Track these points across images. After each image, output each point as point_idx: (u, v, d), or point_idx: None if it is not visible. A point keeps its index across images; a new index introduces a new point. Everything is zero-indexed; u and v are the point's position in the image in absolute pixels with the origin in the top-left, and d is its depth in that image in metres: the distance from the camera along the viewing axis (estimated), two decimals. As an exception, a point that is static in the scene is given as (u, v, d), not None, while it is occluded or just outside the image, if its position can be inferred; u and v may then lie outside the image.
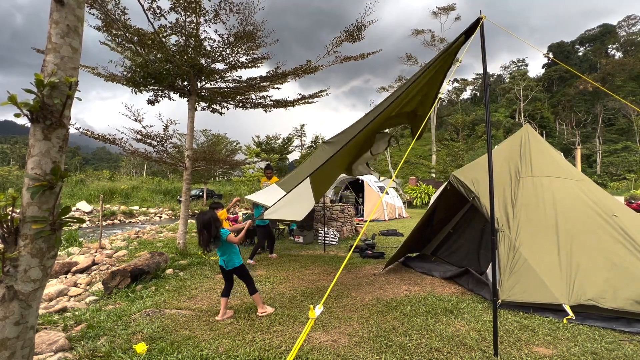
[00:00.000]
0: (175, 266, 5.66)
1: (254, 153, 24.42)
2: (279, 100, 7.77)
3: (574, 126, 52.61)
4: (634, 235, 3.77)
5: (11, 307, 1.30)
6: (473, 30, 3.04)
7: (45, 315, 3.59)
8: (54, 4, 1.37)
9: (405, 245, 5.70)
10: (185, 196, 6.74)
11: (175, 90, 6.83)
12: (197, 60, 6.25)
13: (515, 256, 3.90)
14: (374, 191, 14.24)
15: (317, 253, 7.28)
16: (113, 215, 17.81)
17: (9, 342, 1.29)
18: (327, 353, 2.74)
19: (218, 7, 5.95)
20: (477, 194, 4.52)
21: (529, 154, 4.75)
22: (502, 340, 2.97)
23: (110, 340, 2.91)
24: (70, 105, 1.43)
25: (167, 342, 2.89)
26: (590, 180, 4.73)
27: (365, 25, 6.48)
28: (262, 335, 3.06)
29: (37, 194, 1.32)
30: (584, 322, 3.34)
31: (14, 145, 57.16)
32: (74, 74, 1.43)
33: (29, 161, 1.34)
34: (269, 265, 6.07)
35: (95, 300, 4.15)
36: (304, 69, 7.10)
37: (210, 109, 7.58)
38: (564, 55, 67.50)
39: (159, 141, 6.78)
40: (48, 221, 1.35)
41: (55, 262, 2.59)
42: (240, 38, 6.27)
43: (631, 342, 2.95)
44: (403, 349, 2.81)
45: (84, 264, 6.03)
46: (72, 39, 1.42)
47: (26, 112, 1.31)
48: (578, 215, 4.10)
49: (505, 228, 4.16)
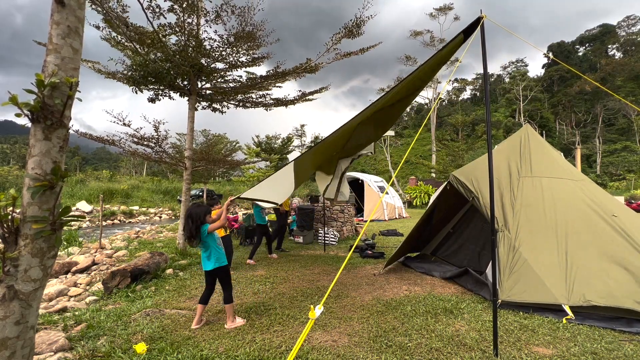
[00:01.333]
0: (175, 266, 5.67)
1: (253, 153, 24.39)
2: (279, 98, 7.76)
3: (574, 126, 52.61)
4: (634, 235, 3.77)
5: (11, 306, 1.30)
6: (472, 29, 3.03)
7: (45, 315, 3.59)
8: (55, 5, 1.38)
9: (405, 245, 5.71)
10: (185, 196, 6.74)
11: (176, 90, 6.83)
12: (197, 60, 6.25)
13: (515, 256, 3.90)
14: (374, 191, 14.24)
15: (317, 253, 7.28)
16: (113, 215, 17.81)
17: (9, 341, 1.29)
18: (327, 353, 2.74)
19: (220, 9, 5.95)
20: (476, 193, 4.52)
21: (528, 154, 4.75)
22: (502, 340, 2.97)
23: (110, 340, 2.91)
24: (71, 106, 1.44)
25: (167, 342, 2.89)
26: (590, 180, 4.73)
27: (364, 20, 6.46)
28: (262, 335, 3.07)
29: (38, 194, 1.33)
30: (584, 322, 3.34)
31: (14, 145, 57.16)
32: (74, 74, 1.43)
33: (30, 161, 1.34)
34: (269, 265, 6.07)
35: (95, 300, 4.16)
36: (304, 68, 7.10)
37: (210, 108, 7.58)
38: (564, 55, 67.47)
39: (156, 142, 6.78)
40: (48, 221, 1.36)
41: (55, 262, 2.59)
42: (240, 38, 6.28)
43: (631, 342, 2.95)
44: (403, 349, 2.81)
45: (84, 264, 6.03)
46: (73, 39, 1.42)
47: (27, 112, 1.31)
48: (578, 215, 4.10)
49: (505, 228, 4.16)
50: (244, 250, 7.79)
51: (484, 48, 2.91)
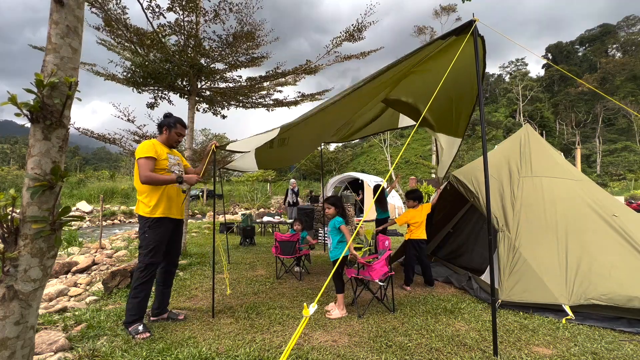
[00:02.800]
0: (175, 266, 5.66)
1: (253, 153, 24.46)
2: (280, 99, 7.77)
3: (574, 126, 52.63)
4: (634, 235, 3.77)
5: (11, 306, 1.30)
6: (465, 31, 3.01)
7: (45, 315, 3.59)
8: (54, 5, 1.38)
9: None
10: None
11: (175, 91, 6.83)
12: (197, 60, 6.25)
13: (515, 256, 3.90)
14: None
15: (317, 253, 7.28)
16: (113, 215, 17.81)
17: (9, 341, 1.29)
18: (327, 353, 2.74)
19: (218, 7, 5.95)
20: (476, 193, 4.52)
21: (528, 154, 4.75)
22: (502, 340, 2.97)
23: (110, 340, 2.91)
24: (70, 106, 1.44)
25: (167, 342, 2.89)
26: (590, 180, 4.73)
27: (365, 25, 6.49)
28: (262, 335, 3.06)
29: (37, 194, 1.32)
30: (584, 322, 3.34)
31: (14, 145, 57.21)
32: (73, 74, 1.43)
33: (29, 161, 1.34)
34: (269, 265, 6.07)
35: (95, 300, 4.15)
36: (304, 69, 7.10)
37: (211, 110, 7.56)
38: (563, 56, 67.52)
39: None
40: (48, 221, 1.36)
41: (55, 262, 2.59)
42: (240, 38, 6.28)
43: (631, 342, 2.95)
44: (403, 349, 2.81)
45: (84, 264, 6.03)
46: (72, 39, 1.42)
47: (26, 112, 1.31)
48: (578, 215, 4.10)
49: (506, 228, 4.16)
50: (244, 250, 7.79)
51: (477, 52, 2.90)
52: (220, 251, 6.28)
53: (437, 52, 3.42)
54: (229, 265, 6.03)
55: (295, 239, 5.19)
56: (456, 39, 3.16)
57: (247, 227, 8.64)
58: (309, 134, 4.88)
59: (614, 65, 55.23)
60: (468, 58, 3.10)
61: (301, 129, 4.00)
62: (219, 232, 10.07)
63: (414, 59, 3.33)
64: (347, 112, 4.50)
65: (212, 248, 7.91)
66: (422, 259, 4.78)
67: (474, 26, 2.89)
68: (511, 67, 72.57)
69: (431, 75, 3.75)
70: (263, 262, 6.31)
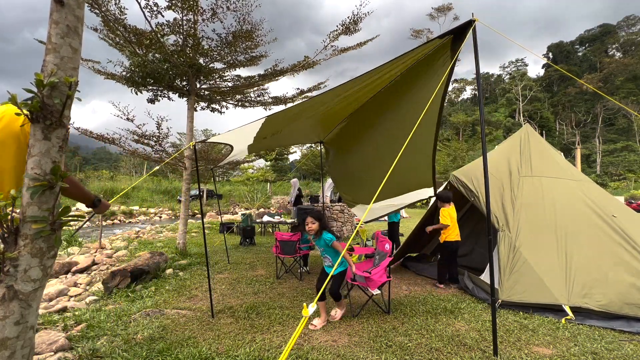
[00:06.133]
0: (175, 266, 5.66)
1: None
2: (278, 97, 7.76)
3: (574, 126, 52.64)
4: (634, 236, 3.77)
5: (11, 306, 1.30)
6: (463, 31, 2.97)
7: (45, 315, 3.59)
8: (54, 5, 1.37)
9: (405, 246, 5.70)
10: (185, 196, 6.74)
11: (175, 90, 6.83)
12: (196, 60, 6.25)
13: (515, 256, 3.90)
14: (373, 191, 14.23)
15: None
16: (113, 215, 17.81)
17: (9, 341, 1.29)
18: (327, 353, 2.74)
19: (215, 6, 5.95)
20: (477, 193, 4.52)
21: (528, 154, 4.75)
22: (502, 340, 2.97)
23: (110, 340, 2.91)
24: (70, 105, 1.43)
25: (167, 342, 2.89)
26: (590, 181, 4.73)
27: (361, 17, 6.49)
28: (262, 335, 3.06)
29: (37, 194, 1.32)
30: (584, 322, 3.34)
31: (13, 145, 56.92)
32: (73, 74, 1.43)
33: (29, 161, 1.34)
34: (269, 265, 6.07)
35: (95, 300, 4.15)
36: (302, 65, 7.11)
37: (209, 108, 7.58)
38: (563, 56, 67.52)
39: (156, 140, 6.78)
40: (48, 221, 1.35)
41: (55, 262, 2.59)
42: (239, 37, 6.28)
43: (631, 342, 2.95)
44: (403, 349, 2.81)
45: (84, 264, 6.03)
46: (72, 39, 1.42)
47: (26, 112, 1.31)
48: (578, 215, 4.10)
49: (506, 228, 4.16)
50: (244, 250, 7.79)
51: (477, 52, 2.89)
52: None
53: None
54: (229, 266, 6.02)
55: (296, 238, 5.19)
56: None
57: (247, 227, 8.63)
58: (302, 127, 4.94)
59: (617, 65, 55.22)
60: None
61: (292, 120, 4.03)
62: (219, 232, 10.08)
63: (403, 60, 3.27)
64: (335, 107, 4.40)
65: (212, 248, 7.91)
66: (455, 259, 4.81)
67: (474, 26, 2.88)
68: (511, 67, 72.60)
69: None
70: (263, 262, 6.31)
